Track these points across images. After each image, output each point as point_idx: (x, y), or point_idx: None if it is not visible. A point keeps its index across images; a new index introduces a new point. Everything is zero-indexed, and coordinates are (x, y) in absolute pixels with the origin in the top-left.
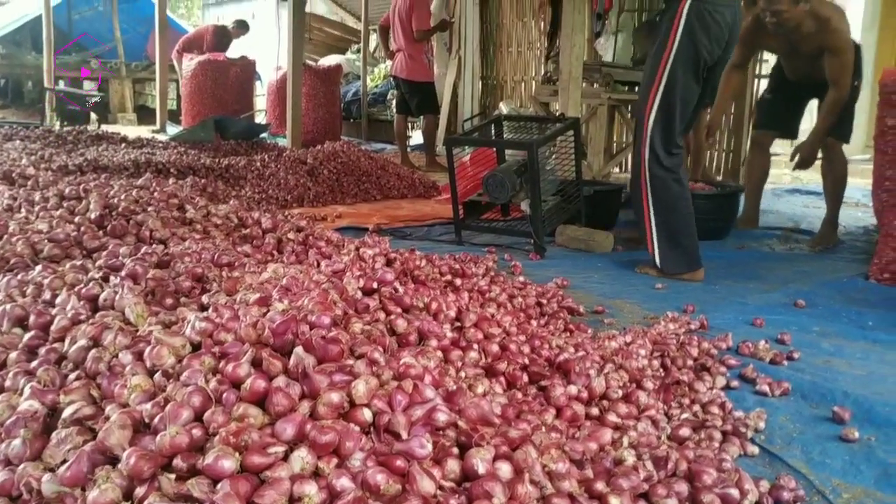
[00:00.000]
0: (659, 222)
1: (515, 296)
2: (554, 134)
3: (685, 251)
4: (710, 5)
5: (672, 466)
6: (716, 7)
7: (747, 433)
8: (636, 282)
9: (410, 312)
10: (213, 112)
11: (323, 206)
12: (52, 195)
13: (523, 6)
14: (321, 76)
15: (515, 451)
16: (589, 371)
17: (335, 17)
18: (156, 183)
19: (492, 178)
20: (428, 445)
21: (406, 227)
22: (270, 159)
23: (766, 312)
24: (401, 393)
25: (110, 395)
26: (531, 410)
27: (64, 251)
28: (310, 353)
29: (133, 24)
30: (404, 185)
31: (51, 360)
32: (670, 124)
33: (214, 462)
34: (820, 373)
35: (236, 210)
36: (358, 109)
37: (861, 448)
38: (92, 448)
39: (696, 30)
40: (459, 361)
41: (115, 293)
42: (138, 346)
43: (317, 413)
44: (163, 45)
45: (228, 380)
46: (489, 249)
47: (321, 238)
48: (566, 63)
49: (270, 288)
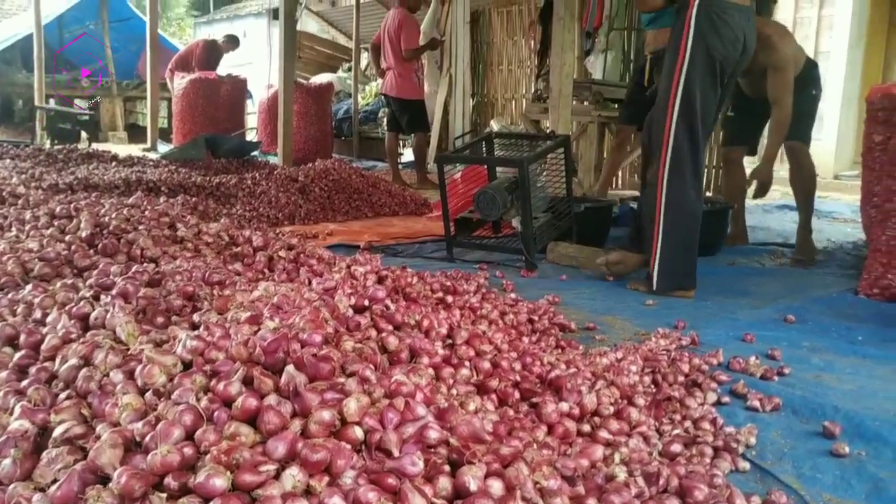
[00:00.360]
0: (667, 239)
1: (507, 312)
2: (544, 151)
3: (685, 269)
4: (717, 8)
5: (664, 482)
6: (724, 9)
7: (738, 449)
8: (627, 298)
9: (402, 330)
10: (204, 130)
11: (314, 223)
12: (42, 214)
13: (513, 25)
14: (312, 94)
15: (507, 469)
16: (580, 388)
17: (326, 35)
18: (147, 201)
19: (483, 194)
20: (419, 463)
21: (398, 244)
22: (261, 177)
23: (757, 328)
24: (392, 410)
25: (101, 414)
26: (523, 427)
27: (55, 270)
28: (301, 371)
29: (124, 43)
30: (395, 202)
31: (41, 379)
32: (693, 136)
33: (206, 481)
34: (810, 388)
35: (227, 228)
36: (349, 127)
37: (852, 463)
38: (83, 467)
39: (707, 33)
40: (451, 379)
41: (106, 312)
42: (129, 365)
43: (308, 431)
44: (154, 63)
45: (220, 398)
46: (481, 266)
47: (312, 256)
48: (556, 81)
49: (261, 306)
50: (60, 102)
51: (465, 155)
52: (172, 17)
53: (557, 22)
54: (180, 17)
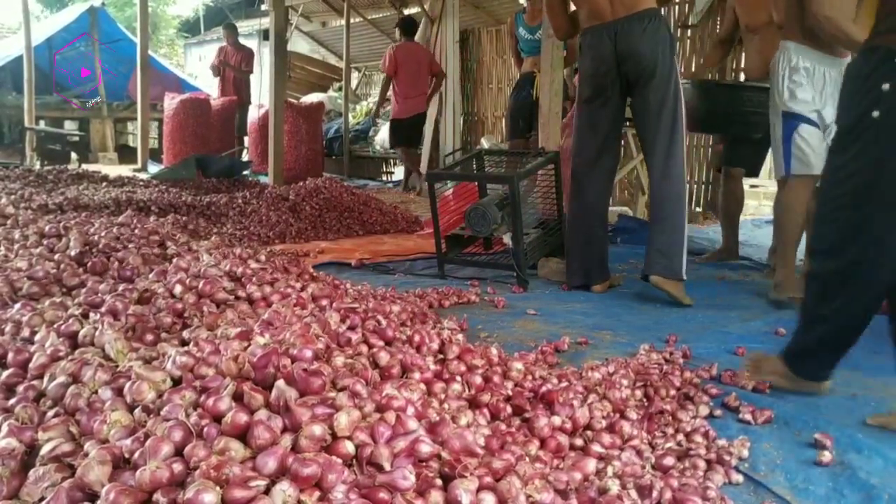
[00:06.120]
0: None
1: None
2: (534, 167)
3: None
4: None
5: (657, 495)
6: (586, 34)
7: (731, 461)
8: (619, 312)
9: (393, 345)
10: (194, 150)
11: (305, 241)
12: (31, 233)
13: (503, 44)
14: (303, 113)
15: (499, 482)
16: (573, 401)
17: (317, 55)
18: (137, 220)
19: (474, 210)
20: (411, 477)
21: (389, 261)
22: (252, 196)
23: (748, 341)
24: (383, 424)
25: (89, 431)
26: (515, 441)
27: (43, 289)
28: (291, 386)
29: (114, 64)
30: (387, 220)
31: (29, 397)
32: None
33: (195, 496)
34: (802, 400)
35: (217, 246)
36: (340, 146)
37: (844, 473)
38: (70, 485)
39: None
40: (442, 393)
41: (94, 329)
42: (118, 382)
43: (299, 446)
44: (144, 84)
45: (209, 414)
46: (472, 283)
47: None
48: (545, 98)
49: (252, 322)
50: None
51: (455, 172)
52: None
53: (547, 40)
54: (171, 39)
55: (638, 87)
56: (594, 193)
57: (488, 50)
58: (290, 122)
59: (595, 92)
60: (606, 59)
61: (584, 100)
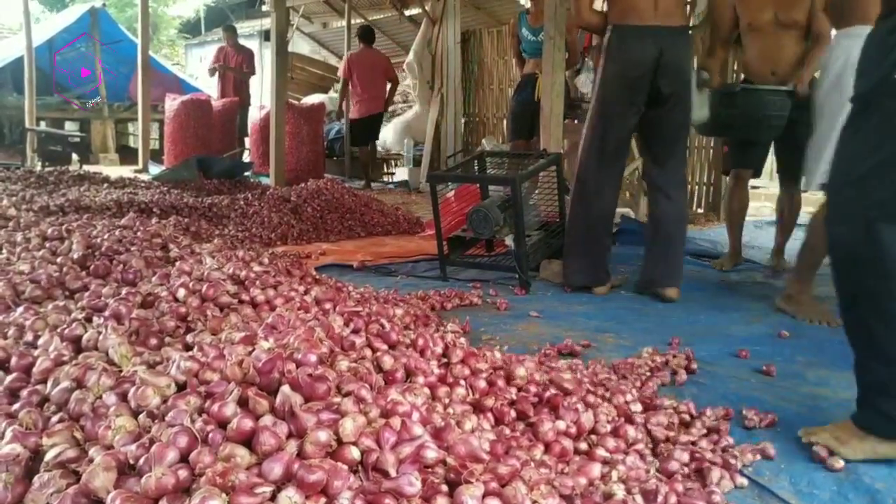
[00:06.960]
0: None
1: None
2: (536, 169)
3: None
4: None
5: (662, 500)
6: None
7: (736, 465)
8: (621, 315)
9: (397, 349)
10: (195, 151)
11: (307, 243)
12: (33, 236)
13: (504, 44)
14: (304, 115)
15: (505, 488)
16: (577, 406)
17: (318, 56)
18: (139, 222)
19: (476, 212)
20: (417, 483)
21: (391, 263)
22: (254, 197)
23: (751, 343)
24: (389, 430)
25: (94, 436)
26: (520, 446)
27: (46, 292)
28: (296, 391)
29: (115, 65)
30: (388, 221)
31: (33, 402)
32: (594, 148)
33: (201, 503)
34: (806, 403)
35: (220, 249)
36: (341, 147)
37: (848, 477)
38: (75, 491)
39: (615, 57)
40: (447, 398)
41: (98, 334)
42: (122, 387)
43: (304, 452)
44: (145, 85)
45: (214, 419)
46: (474, 285)
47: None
48: (547, 100)
49: (256, 326)
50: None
51: (457, 173)
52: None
53: (548, 41)
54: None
55: (667, 103)
56: (602, 196)
57: (489, 51)
58: (292, 123)
59: (620, 95)
60: (644, 64)
61: (604, 101)
